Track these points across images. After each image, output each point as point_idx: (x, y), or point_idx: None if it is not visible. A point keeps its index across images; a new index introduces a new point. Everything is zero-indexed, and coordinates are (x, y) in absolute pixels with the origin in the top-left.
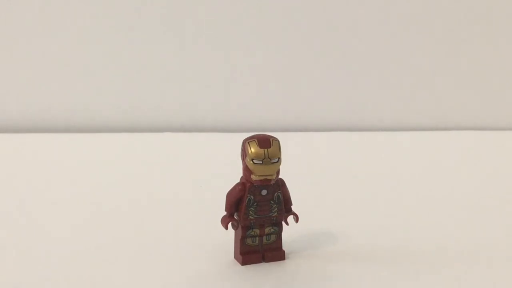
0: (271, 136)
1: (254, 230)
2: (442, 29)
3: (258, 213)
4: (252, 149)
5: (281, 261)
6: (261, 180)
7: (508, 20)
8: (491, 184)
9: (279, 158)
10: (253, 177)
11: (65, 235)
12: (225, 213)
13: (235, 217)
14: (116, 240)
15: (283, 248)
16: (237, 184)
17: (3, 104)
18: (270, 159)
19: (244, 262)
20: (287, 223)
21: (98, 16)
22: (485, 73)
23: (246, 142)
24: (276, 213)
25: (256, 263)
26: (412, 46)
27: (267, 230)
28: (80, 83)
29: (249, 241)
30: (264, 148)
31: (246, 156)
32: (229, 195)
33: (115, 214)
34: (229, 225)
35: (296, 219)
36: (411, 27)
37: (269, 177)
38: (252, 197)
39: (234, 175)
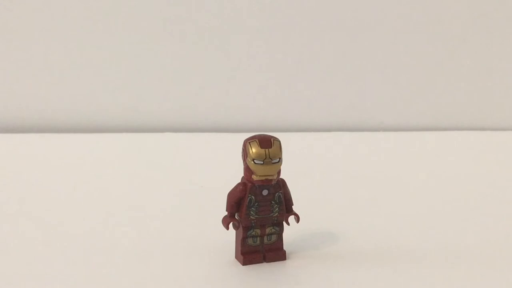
0: (272, 136)
1: (255, 230)
2: (443, 28)
3: (259, 213)
4: (253, 149)
5: (282, 261)
6: (262, 180)
7: (508, 20)
8: (491, 184)
9: (280, 158)
10: (254, 177)
11: (65, 235)
12: (226, 213)
13: (236, 217)
14: (116, 241)
15: (284, 248)
16: (238, 184)
17: (3, 104)
18: (271, 159)
19: (245, 262)
20: (288, 223)
21: (98, 16)
22: (485, 73)
23: (247, 142)
24: (277, 213)
25: (257, 263)
26: (412, 46)
27: (268, 230)
28: (80, 83)
29: (250, 241)
30: (265, 148)
31: (247, 156)
32: (230, 195)
33: (115, 215)
34: (230, 225)
35: (297, 219)
36: (412, 27)
37: (270, 177)
38: (253, 197)
39: (235, 175)
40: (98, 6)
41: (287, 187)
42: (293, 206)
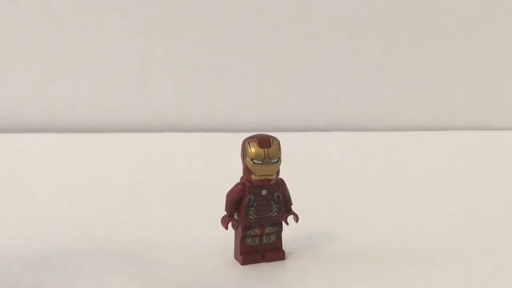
0: (271, 136)
1: (254, 230)
2: (442, 28)
3: (258, 213)
4: (252, 149)
5: (281, 261)
6: (261, 180)
7: (508, 20)
8: (491, 184)
9: (279, 158)
10: (253, 177)
11: (64, 235)
12: (225, 213)
13: (235, 217)
14: (116, 240)
15: (283, 248)
16: (237, 184)
17: (3, 104)
18: (270, 159)
19: (244, 262)
20: (287, 223)
21: (97, 15)
22: (485, 73)
23: (246, 142)
24: (276, 213)
25: (256, 263)
26: (412, 46)
27: (267, 230)
28: (80, 83)
29: (249, 241)
30: (264, 148)
31: (246, 156)
32: (229, 195)
33: (115, 214)
34: (229, 225)
35: (296, 219)
36: (411, 27)
37: (269, 177)
38: (252, 197)
39: (234, 175)
40: (98, 6)
41: (286, 187)
42: (292, 206)
